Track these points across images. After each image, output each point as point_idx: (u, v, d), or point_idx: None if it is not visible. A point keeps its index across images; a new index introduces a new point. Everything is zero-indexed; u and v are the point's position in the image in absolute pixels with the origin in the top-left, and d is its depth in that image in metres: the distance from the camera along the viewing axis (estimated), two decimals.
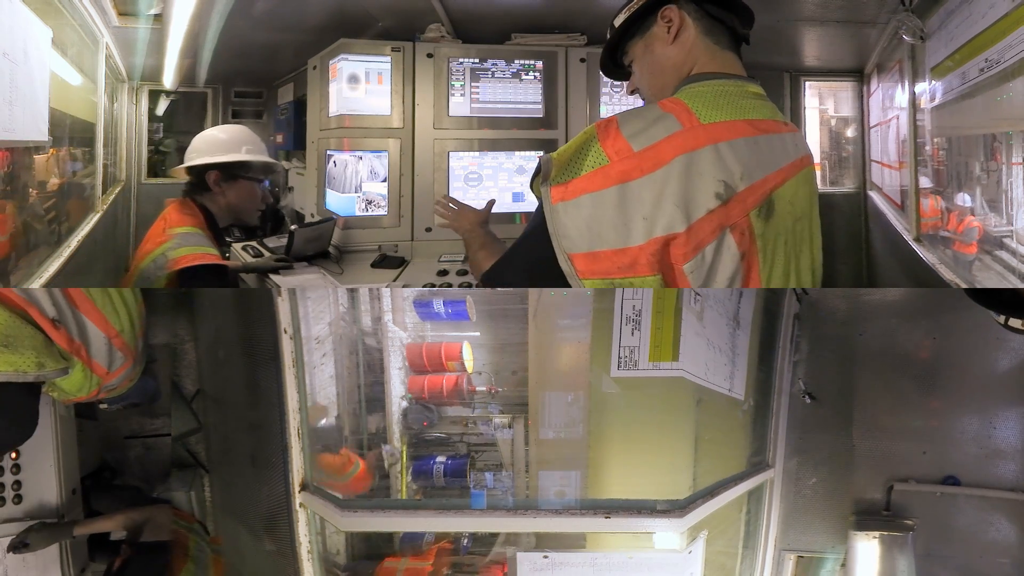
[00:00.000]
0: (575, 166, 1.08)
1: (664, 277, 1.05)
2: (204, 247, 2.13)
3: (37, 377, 1.54)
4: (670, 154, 1.05)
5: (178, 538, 1.98)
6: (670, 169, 1.04)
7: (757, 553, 2.31)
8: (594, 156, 1.07)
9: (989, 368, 2.33)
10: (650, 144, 1.06)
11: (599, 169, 1.05)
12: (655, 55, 1.31)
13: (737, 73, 1.29)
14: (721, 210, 1.05)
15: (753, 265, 1.10)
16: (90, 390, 1.74)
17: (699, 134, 1.08)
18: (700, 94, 1.18)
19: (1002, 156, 2.09)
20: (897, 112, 3.26)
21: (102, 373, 1.73)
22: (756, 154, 1.12)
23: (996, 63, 1.98)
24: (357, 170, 3.21)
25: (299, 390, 1.76)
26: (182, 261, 2.06)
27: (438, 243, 3.19)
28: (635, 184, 1.04)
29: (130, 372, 1.88)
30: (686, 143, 1.06)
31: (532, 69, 3.33)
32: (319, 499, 1.74)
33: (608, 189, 1.04)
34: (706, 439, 1.87)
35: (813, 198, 1.33)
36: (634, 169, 1.04)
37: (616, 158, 1.05)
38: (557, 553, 1.77)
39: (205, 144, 2.34)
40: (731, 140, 1.09)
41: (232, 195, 2.31)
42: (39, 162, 2.50)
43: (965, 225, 2.41)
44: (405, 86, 3.20)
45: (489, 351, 2.18)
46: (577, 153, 1.09)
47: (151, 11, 3.17)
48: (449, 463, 2.10)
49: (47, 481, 1.96)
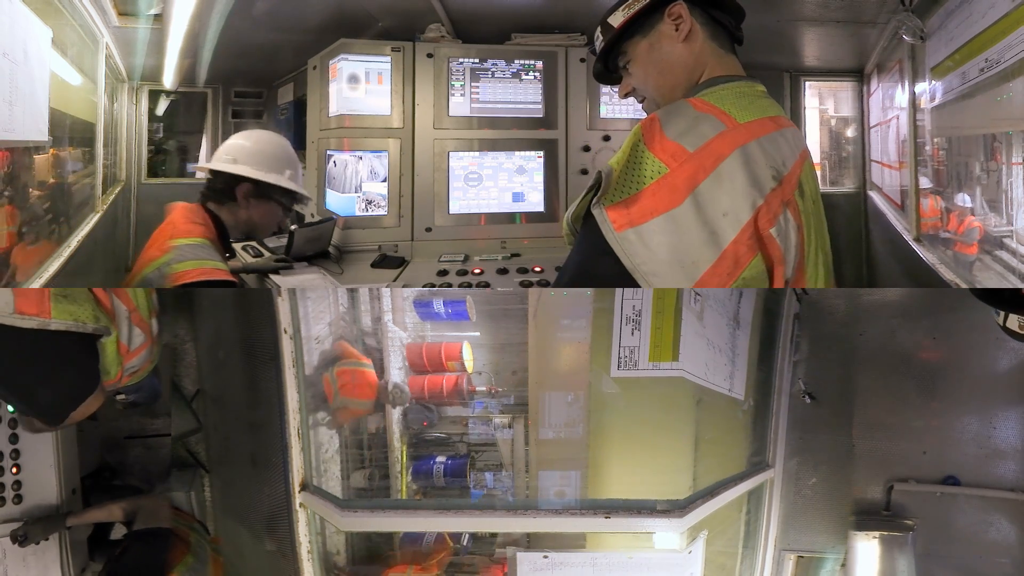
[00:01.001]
0: (631, 181, 1.02)
1: (762, 252, 1.04)
2: (212, 261, 1.96)
3: (95, 329, 1.63)
4: (727, 148, 1.05)
5: (178, 530, 1.98)
6: (732, 161, 1.04)
7: (757, 553, 2.31)
8: (650, 166, 1.02)
9: (989, 368, 2.33)
10: (704, 143, 1.04)
11: (662, 180, 1.00)
12: (663, 53, 1.29)
13: (743, 75, 1.32)
14: (779, 189, 1.08)
15: (802, 238, 1.14)
16: (117, 370, 1.77)
17: (742, 131, 1.10)
18: (724, 97, 1.20)
19: (1002, 156, 2.09)
20: (897, 112, 3.26)
21: (124, 351, 1.76)
22: (783, 145, 1.17)
23: (996, 63, 1.98)
24: (357, 170, 3.21)
25: (299, 390, 1.76)
26: (188, 275, 1.90)
27: (438, 243, 3.19)
28: (704, 186, 1.01)
29: (148, 354, 1.86)
30: (736, 139, 1.07)
31: (532, 69, 3.33)
32: (319, 499, 1.75)
33: (682, 206, 1.00)
34: (706, 439, 1.87)
35: (818, 185, 1.38)
36: (699, 171, 1.01)
37: (675, 164, 1.01)
38: (557, 553, 1.77)
39: (246, 154, 2.13)
40: (766, 135, 1.13)
41: (256, 213, 2.14)
42: (39, 162, 2.50)
43: (966, 226, 2.41)
44: (405, 86, 3.21)
45: (489, 351, 2.18)
46: (629, 165, 1.03)
47: (151, 11, 3.17)
48: (449, 463, 2.10)
49: (47, 481, 1.96)
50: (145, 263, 1.98)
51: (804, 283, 1.18)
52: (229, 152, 2.13)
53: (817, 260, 1.24)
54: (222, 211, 2.11)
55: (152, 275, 1.91)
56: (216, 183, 2.11)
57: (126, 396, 2.09)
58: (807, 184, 1.24)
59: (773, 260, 1.04)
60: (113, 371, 1.76)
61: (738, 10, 1.35)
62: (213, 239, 2.04)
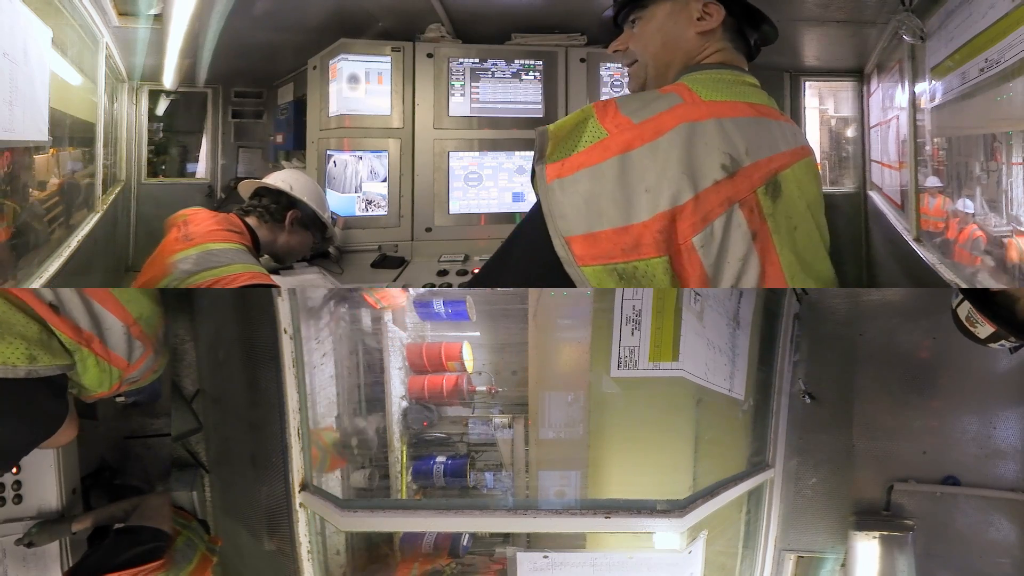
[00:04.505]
0: (571, 143, 1.00)
1: (671, 260, 0.96)
2: (258, 267, 2.03)
3: (28, 372, 1.35)
4: (672, 122, 1.00)
5: (165, 531, 1.93)
6: (673, 136, 0.98)
7: (757, 553, 2.31)
8: (592, 131, 1.00)
9: (989, 368, 2.33)
10: (651, 116, 1.01)
11: (598, 143, 0.99)
12: (676, 29, 1.26)
13: (741, 68, 1.29)
14: (728, 183, 0.99)
15: (769, 246, 1.04)
16: (111, 384, 1.62)
17: (701, 108, 1.05)
18: (698, 79, 1.17)
19: (1002, 156, 2.09)
20: (897, 112, 3.26)
21: (123, 365, 1.61)
22: (758, 133, 1.10)
23: (996, 63, 1.98)
24: (357, 170, 3.21)
25: (299, 390, 1.76)
26: (241, 279, 1.90)
27: (438, 243, 3.19)
28: (636, 153, 0.97)
29: (152, 362, 1.77)
30: (688, 113, 1.02)
31: (532, 69, 3.33)
32: (319, 499, 1.74)
33: (608, 161, 0.97)
34: (706, 439, 1.87)
35: (820, 188, 1.31)
36: (635, 139, 0.98)
37: (616, 131, 0.99)
38: (557, 553, 1.77)
39: (302, 184, 2.35)
40: (734, 117, 1.07)
41: (295, 240, 2.35)
42: (39, 162, 2.50)
43: (967, 235, 2.39)
44: (405, 86, 3.21)
45: (489, 351, 2.18)
46: (574, 130, 1.02)
47: (151, 11, 3.17)
48: (449, 463, 2.10)
49: (47, 481, 1.95)
50: (170, 252, 1.94)
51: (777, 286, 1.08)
52: (286, 180, 2.30)
53: (795, 272, 1.10)
54: (262, 229, 2.23)
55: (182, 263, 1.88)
56: (269, 203, 2.25)
57: (126, 398, 2.09)
58: (794, 186, 1.13)
59: (688, 275, 0.98)
60: (105, 386, 1.60)
61: (772, 33, 1.34)
62: (251, 249, 2.13)
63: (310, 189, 2.39)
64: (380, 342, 2.13)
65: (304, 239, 2.40)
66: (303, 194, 2.34)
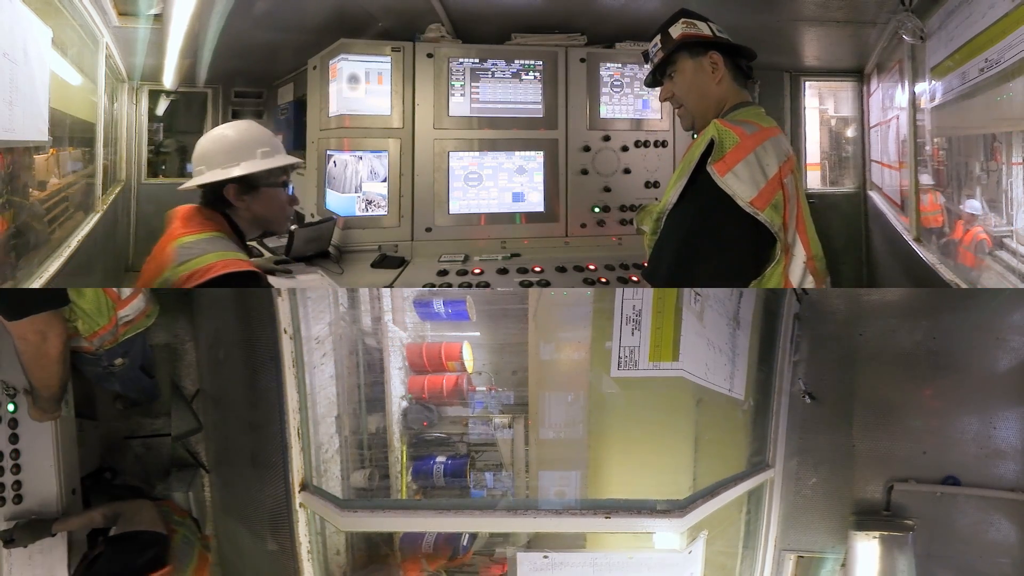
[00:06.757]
0: (720, 150, 1.65)
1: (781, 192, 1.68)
2: (233, 252, 1.80)
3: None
4: (764, 136, 1.71)
5: (160, 532, 1.93)
6: (768, 143, 1.70)
7: (757, 553, 2.31)
8: (730, 140, 1.66)
9: (989, 368, 2.33)
10: (752, 133, 1.71)
11: (738, 145, 1.65)
12: (703, 82, 1.84)
13: (751, 102, 1.88)
14: (785, 164, 1.71)
15: (800, 208, 1.74)
16: (108, 315, 1.78)
17: (765, 132, 1.74)
18: (750, 113, 1.81)
19: (1002, 156, 2.09)
20: (897, 112, 3.26)
21: (114, 297, 1.77)
22: (781, 145, 1.75)
23: (996, 63, 1.98)
24: (357, 170, 3.21)
25: (299, 390, 1.76)
26: (214, 269, 1.72)
27: (438, 243, 3.19)
28: (759, 149, 1.67)
29: (142, 304, 1.90)
30: (764, 134, 1.72)
31: (532, 69, 3.33)
32: (319, 499, 1.74)
33: (749, 156, 1.65)
34: (706, 439, 1.87)
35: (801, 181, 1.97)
36: (755, 143, 1.68)
37: (743, 139, 1.67)
38: (557, 553, 1.77)
39: (213, 153, 1.95)
40: (773, 137, 1.74)
41: (257, 207, 1.95)
42: (39, 162, 2.50)
43: (972, 237, 2.39)
44: (405, 86, 3.20)
45: (489, 351, 2.18)
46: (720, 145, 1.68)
47: (151, 11, 3.17)
48: (449, 463, 2.10)
49: (47, 481, 1.96)
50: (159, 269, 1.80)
51: (807, 240, 1.74)
52: (198, 161, 1.98)
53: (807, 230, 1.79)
54: (232, 213, 1.94)
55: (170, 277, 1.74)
56: (207, 196, 1.96)
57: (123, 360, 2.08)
58: (794, 174, 1.79)
59: (786, 196, 1.68)
60: (102, 315, 1.78)
61: (751, 54, 1.90)
62: (227, 233, 1.90)
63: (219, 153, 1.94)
64: (380, 342, 2.13)
65: (265, 200, 1.97)
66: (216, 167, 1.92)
